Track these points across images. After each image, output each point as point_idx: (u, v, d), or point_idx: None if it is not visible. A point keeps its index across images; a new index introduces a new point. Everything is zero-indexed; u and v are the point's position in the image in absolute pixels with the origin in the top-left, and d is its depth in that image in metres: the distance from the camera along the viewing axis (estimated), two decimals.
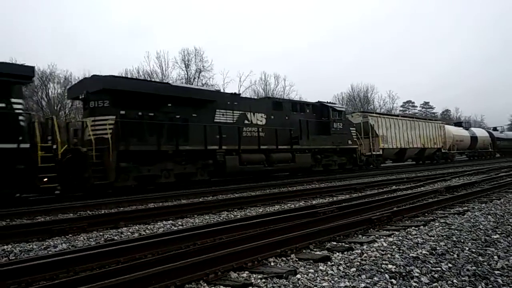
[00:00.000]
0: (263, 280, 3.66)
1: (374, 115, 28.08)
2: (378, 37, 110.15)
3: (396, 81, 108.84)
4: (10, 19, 61.84)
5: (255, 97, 39.47)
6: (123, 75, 42.07)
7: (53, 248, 5.65)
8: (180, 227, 7.01)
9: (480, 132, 43.44)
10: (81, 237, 6.34)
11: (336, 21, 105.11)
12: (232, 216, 8.26)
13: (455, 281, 3.75)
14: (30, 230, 6.67)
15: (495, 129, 50.16)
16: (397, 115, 32.39)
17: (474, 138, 40.19)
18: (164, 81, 49.16)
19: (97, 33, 72.36)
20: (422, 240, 5.09)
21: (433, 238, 5.21)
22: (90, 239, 6.19)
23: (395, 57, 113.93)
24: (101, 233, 6.65)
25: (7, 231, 6.70)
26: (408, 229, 5.79)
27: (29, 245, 5.92)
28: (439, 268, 4.01)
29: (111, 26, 75.22)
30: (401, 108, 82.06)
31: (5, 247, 5.77)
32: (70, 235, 6.55)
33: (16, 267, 3.98)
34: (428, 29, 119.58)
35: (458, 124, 44.38)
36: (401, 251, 4.58)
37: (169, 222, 7.63)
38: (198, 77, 50.47)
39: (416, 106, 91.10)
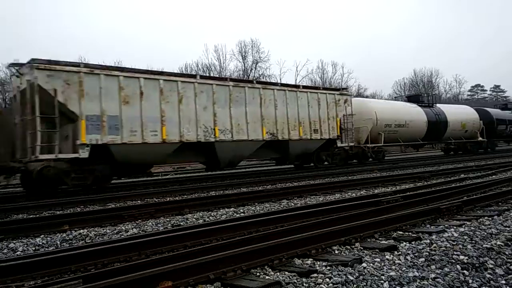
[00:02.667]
0: (328, 268, 3.64)
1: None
2: (442, 20, 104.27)
3: (463, 64, 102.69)
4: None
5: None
6: (183, 70, 43.18)
7: (125, 233, 5.98)
8: (242, 214, 7.13)
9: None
10: (150, 223, 6.65)
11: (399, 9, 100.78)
12: (292, 204, 8.27)
13: None
14: (103, 216, 7.10)
15: None
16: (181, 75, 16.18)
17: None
18: (221, 73, 50.14)
19: (156, 32, 74.81)
20: (496, 231, 4.81)
21: (508, 229, 4.91)
22: (158, 224, 6.48)
23: (462, 39, 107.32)
24: (167, 219, 6.93)
25: (82, 216, 7.18)
26: (481, 219, 5.49)
27: (103, 229, 6.30)
28: None
29: (169, 23, 77.45)
30: (469, 93, 77.45)
31: (81, 231, 6.19)
32: (139, 220, 6.90)
33: (92, 249, 4.26)
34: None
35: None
36: (473, 241, 4.35)
37: (231, 209, 7.80)
38: (255, 68, 50.77)
39: (486, 90, 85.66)
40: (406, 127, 22.51)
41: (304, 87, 18.41)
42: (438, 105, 26.69)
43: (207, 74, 49.96)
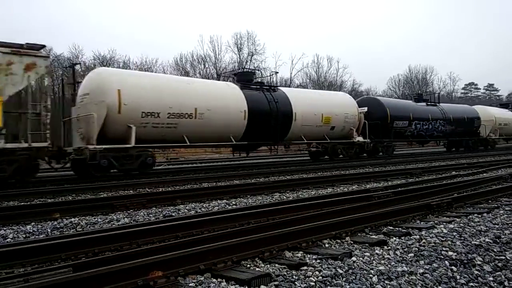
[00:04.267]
0: (318, 261, 3.67)
1: None
2: (439, 18, 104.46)
3: (458, 62, 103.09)
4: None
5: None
6: (178, 60, 42.91)
7: (116, 222, 5.97)
8: (234, 206, 7.15)
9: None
10: (141, 213, 6.64)
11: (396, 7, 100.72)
12: (285, 197, 8.30)
13: None
14: (94, 205, 7.08)
15: None
16: None
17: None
18: (216, 65, 49.82)
19: (151, 20, 74.19)
20: (485, 228, 4.87)
21: (497, 226, 4.97)
22: (150, 215, 6.48)
23: (457, 37, 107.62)
24: (159, 210, 6.93)
25: (73, 205, 7.15)
26: (470, 216, 5.55)
27: (94, 218, 6.28)
28: (503, 257, 3.82)
29: (164, 12, 76.79)
30: (463, 91, 77.81)
31: (72, 219, 6.17)
32: (131, 210, 6.89)
33: (83, 238, 4.25)
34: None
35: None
36: (462, 238, 4.41)
37: (223, 201, 7.81)
38: (250, 61, 50.60)
39: (479, 88, 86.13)
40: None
41: None
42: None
43: (202, 65, 49.70)
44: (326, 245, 4.24)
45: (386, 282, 3.16)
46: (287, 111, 17.03)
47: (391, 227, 4.97)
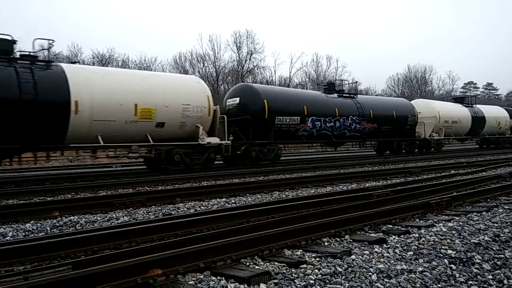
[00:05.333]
0: (317, 259, 3.67)
1: None
2: (438, 17, 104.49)
3: (457, 62, 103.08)
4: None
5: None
6: (177, 59, 42.71)
7: (116, 220, 5.97)
8: (234, 204, 7.15)
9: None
10: (141, 211, 6.64)
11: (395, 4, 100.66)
12: (284, 196, 8.30)
13: None
14: (94, 203, 7.08)
15: None
16: None
17: None
18: (216, 63, 49.75)
19: (150, 18, 74.11)
20: (484, 226, 4.87)
21: (496, 225, 4.97)
22: (149, 213, 6.48)
23: (457, 36, 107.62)
24: (159, 208, 6.93)
25: (73, 203, 7.15)
26: (469, 215, 5.56)
27: (94, 216, 6.28)
28: (502, 256, 3.82)
29: (163, 10, 76.71)
30: (462, 90, 77.74)
31: (72, 217, 6.17)
32: (130, 208, 6.88)
33: (82, 236, 4.25)
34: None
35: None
36: (461, 236, 4.41)
37: (222, 199, 7.81)
38: (250, 59, 50.54)
39: (479, 88, 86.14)
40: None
41: None
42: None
43: (202, 64, 49.59)
44: (326, 243, 4.24)
45: (385, 280, 3.16)
46: (58, 99, 11.43)
47: (390, 226, 4.97)
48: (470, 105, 28.41)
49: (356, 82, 24.58)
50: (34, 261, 3.75)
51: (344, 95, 20.73)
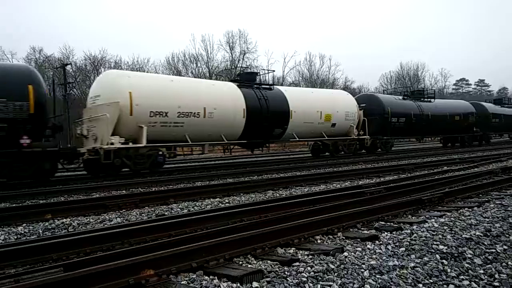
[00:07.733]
0: (310, 257, 3.68)
1: None
2: (432, 15, 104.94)
3: (449, 57, 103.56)
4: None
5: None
6: (170, 60, 42.62)
7: (109, 222, 5.95)
8: (227, 204, 7.14)
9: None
10: (134, 212, 6.62)
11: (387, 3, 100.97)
12: (278, 195, 8.31)
13: (510, 263, 3.59)
14: (86, 205, 7.04)
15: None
16: None
17: None
18: (209, 64, 49.70)
19: (143, 19, 73.84)
20: (475, 222, 4.91)
21: (487, 220, 5.01)
22: (143, 214, 6.46)
23: (450, 34, 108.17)
24: (152, 209, 6.91)
25: (65, 205, 7.10)
26: (461, 210, 5.60)
27: (86, 218, 6.25)
28: (493, 250, 3.86)
29: (155, 11, 76.45)
30: (454, 87, 78.27)
31: (64, 220, 6.13)
32: (123, 210, 6.86)
33: (75, 238, 4.23)
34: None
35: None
36: (453, 232, 4.44)
37: (216, 199, 7.80)
38: (243, 59, 50.52)
39: (471, 84, 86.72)
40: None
41: None
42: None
43: (194, 64, 49.53)
44: (318, 241, 4.26)
45: (377, 276, 3.17)
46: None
47: (382, 222, 5.00)
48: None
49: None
50: (26, 264, 3.73)
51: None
